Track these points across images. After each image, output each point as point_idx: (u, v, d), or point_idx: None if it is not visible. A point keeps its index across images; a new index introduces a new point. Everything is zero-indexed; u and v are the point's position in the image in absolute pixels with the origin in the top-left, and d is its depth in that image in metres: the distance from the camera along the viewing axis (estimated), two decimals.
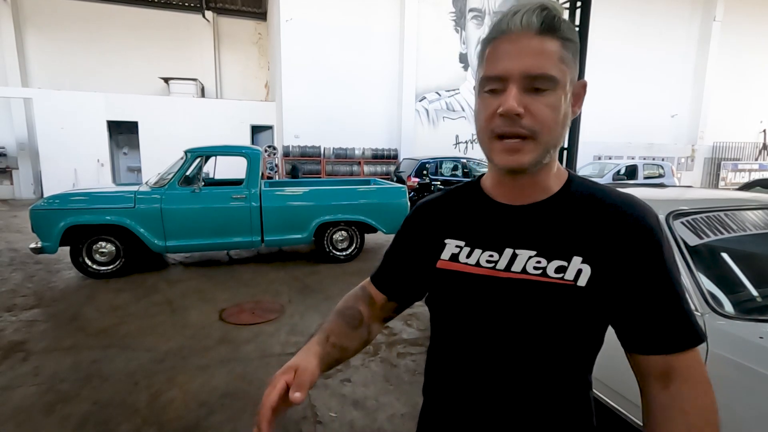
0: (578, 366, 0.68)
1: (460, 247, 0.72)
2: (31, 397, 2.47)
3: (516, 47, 0.60)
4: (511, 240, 0.68)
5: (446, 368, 0.75)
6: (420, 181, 8.79)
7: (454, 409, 0.73)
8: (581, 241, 0.64)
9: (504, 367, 0.68)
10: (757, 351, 1.20)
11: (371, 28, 11.89)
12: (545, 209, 0.67)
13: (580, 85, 0.66)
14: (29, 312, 3.77)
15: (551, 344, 0.65)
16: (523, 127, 0.60)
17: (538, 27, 0.59)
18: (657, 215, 0.66)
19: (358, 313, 0.82)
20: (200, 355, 3.02)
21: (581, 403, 0.70)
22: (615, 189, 0.69)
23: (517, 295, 0.66)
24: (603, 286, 0.63)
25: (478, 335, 0.69)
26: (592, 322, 0.65)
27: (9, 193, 11.84)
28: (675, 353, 0.61)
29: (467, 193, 0.77)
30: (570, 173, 0.71)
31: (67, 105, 10.91)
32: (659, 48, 14.79)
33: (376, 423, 2.30)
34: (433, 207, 0.80)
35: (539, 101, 0.60)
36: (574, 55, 0.62)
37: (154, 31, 13.28)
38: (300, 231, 5.29)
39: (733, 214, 1.71)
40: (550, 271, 0.64)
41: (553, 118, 0.61)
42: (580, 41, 0.65)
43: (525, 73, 0.59)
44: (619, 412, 1.55)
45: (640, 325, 0.63)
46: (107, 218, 4.62)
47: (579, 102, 0.67)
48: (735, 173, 14.92)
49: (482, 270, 0.69)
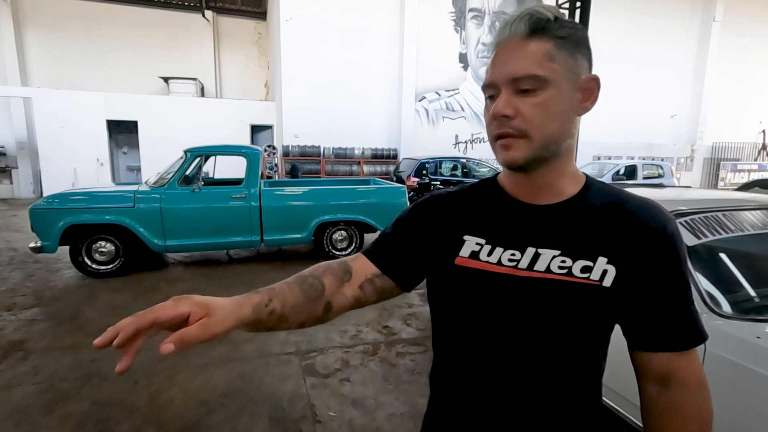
0: (591, 368, 0.69)
1: (481, 244, 0.71)
2: (30, 396, 2.47)
3: (505, 54, 0.63)
4: (534, 239, 0.68)
5: (459, 367, 0.74)
6: (419, 181, 8.79)
7: (465, 410, 0.72)
8: (605, 242, 0.65)
9: (521, 367, 0.67)
10: (754, 351, 1.20)
11: (371, 27, 11.89)
12: (566, 210, 0.68)
13: (590, 80, 0.66)
14: (29, 311, 3.77)
15: (570, 344, 0.66)
16: (512, 127, 0.63)
17: (525, 31, 0.62)
18: (674, 220, 0.67)
19: (320, 284, 0.71)
20: (200, 354, 3.02)
21: (593, 406, 0.70)
22: (635, 194, 0.70)
23: (541, 295, 0.65)
24: (626, 287, 0.64)
25: (496, 334, 0.68)
26: (611, 322, 0.67)
27: (8, 193, 11.83)
28: (678, 352, 0.64)
29: (485, 189, 0.76)
30: (588, 177, 0.72)
31: (66, 104, 10.91)
32: (659, 48, 14.80)
33: (375, 422, 2.30)
34: (449, 201, 0.77)
35: (527, 102, 0.62)
36: (572, 50, 0.63)
37: (154, 30, 13.27)
38: (299, 231, 5.30)
39: (732, 215, 1.71)
40: (576, 271, 0.64)
41: (543, 116, 0.62)
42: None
43: (510, 77, 0.62)
44: (619, 413, 1.56)
45: (648, 324, 0.65)
46: (107, 218, 4.62)
47: (591, 97, 0.67)
48: (734, 173, 14.95)
49: (504, 269, 0.68)
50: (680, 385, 0.63)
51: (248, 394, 2.54)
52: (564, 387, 0.67)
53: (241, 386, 2.62)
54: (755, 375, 1.17)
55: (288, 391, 2.57)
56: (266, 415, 2.33)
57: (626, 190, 0.72)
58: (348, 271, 0.75)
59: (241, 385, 2.63)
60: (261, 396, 2.52)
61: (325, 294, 0.72)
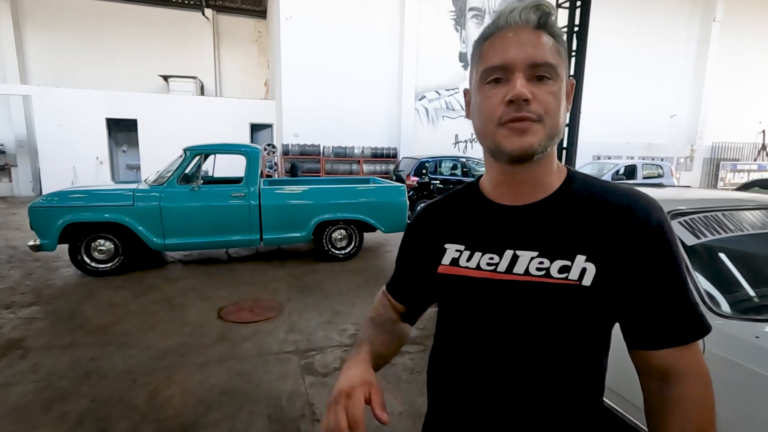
0: (586, 368, 0.67)
1: (460, 251, 0.72)
2: (29, 394, 2.47)
3: (518, 38, 0.61)
4: (512, 241, 0.67)
5: (450, 372, 0.74)
6: (419, 180, 8.79)
7: (459, 414, 0.72)
8: (584, 239, 0.63)
9: (509, 371, 0.66)
10: (753, 350, 1.20)
11: (371, 26, 11.88)
12: (545, 208, 0.67)
13: (570, 84, 0.68)
14: (28, 309, 3.77)
15: (556, 346, 0.64)
16: (531, 111, 0.61)
17: (536, 22, 0.61)
18: (661, 207, 0.64)
19: (393, 323, 0.87)
20: (199, 352, 3.02)
21: (591, 408, 0.68)
22: (618, 184, 0.68)
23: (520, 298, 0.65)
24: (608, 285, 0.62)
25: (482, 339, 0.69)
26: (598, 322, 0.65)
27: (8, 191, 11.81)
28: (678, 347, 0.61)
29: (465, 195, 0.77)
30: (569, 170, 0.71)
31: (66, 102, 10.90)
32: (659, 48, 14.80)
33: (373, 421, 2.29)
34: (433, 211, 0.80)
35: (543, 89, 0.61)
36: (564, 50, 0.65)
37: (153, 28, 13.25)
38: (299, 229, 5.29)
39: (731, 214, 1.71)
40: (554, 272, 0.63)
41: (556, 105, 0.62)
42: (579, 41, 0.67)
43: (530, 62, 0.60)
44: (623, 416, 1.56)
45: (643, 321, 0.63)
46: (106, 216, 4.62)
47: (569, 99, 0.68)
48: (734, 173, 14.95)
49: (483, 273, 0.68)
50: (680, 379, 0.61)
51: (247, 392, 2.54)
52: (556, 388, 0.65)
53: (240, 385, 2.62)
54: (754, 375, 1.17)
55: (287, 390, 2.57)
56: (265, 414, 2.33)
57: (611, 181, 0.70)
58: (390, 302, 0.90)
59: (239, 384, 2.62)
60: (260, 395, 2.52)
61: (397, 328, 0.87)
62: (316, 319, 3.65)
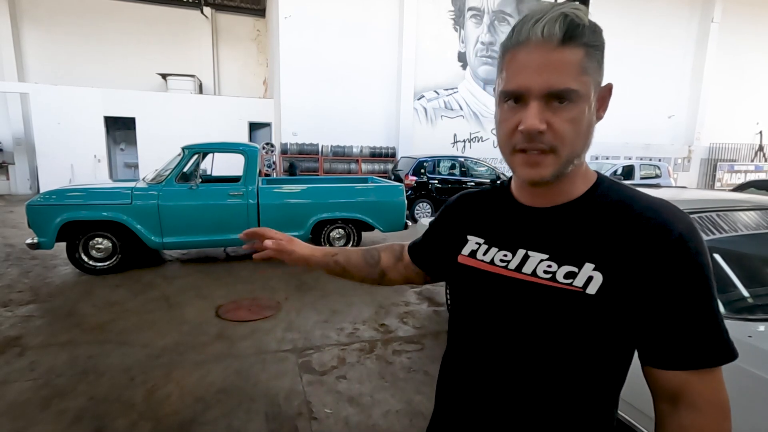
0: (594, 380, 0.64)
1: (479, 244, 0.74)
2: (26, 392, 2.47)
3: (536, 61, 0.57)
4: (525, 241, 0.68)
5: (457, 370, 0.75)
6: (417, 179, 8.80)
7: (462, 414, 0.73)
8: (596, 247, 0.61)
9: (512, 371, 0.66)
10: (746, 350, 1.21)
11: (370, 25, 11.87)
12: (563, 213, 0.66)
13: (606, 89, 0.65)
14: (25, 307, 3.77)
15: (557, 351, 0.63)
16: (543, 142, 0.59)
17: (560, 37, 0.56)
18: (691, 222, 0.60)
19: (376, 255, 0.98)
20: (196, 351, 3.02)
21: (600, 421, 0.66)
22: (647, 195, 0.65)
23: (525, 297, 0.65)
24: (616, 296, 0.59)
25: (488, 333, 0.69)
26: (603, 333, 0.61)
27: (5, 189, 11.78)
28: (693, 370, 0.57)
29: (497, 191, 0.79)
30: (599, 176, 0.69)
31: (63, 100, 10.86)
32: (657, 49, 14.83)
33: (371, 419, 2.31)
34: (466, 201, 0.83)
35: (560, 116, 0.58)
36: (599, 60, 0.60)
37: (152, 26, 13.22)
38: (297, 228, 5.29)
39: (726, 215, 1.73)
40: (560, 276, 0.62)
41: (574, 132, 0.59)
42: None
43: (546, 90, 0.57)
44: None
45: (655, 338, 0.59)
46: (104, 214, 4.61)
47: (604, 106, 0.65)
48: (731, 174, 14.98)
49: (495, 268, 0.70)
50: (691, 406, 0.57)
51: (244, 390, 2.54)
52: (560, 393, 0.64)
53: (238, 383, 2.62)
54: (747, 374, 1.18)
55: (284, 388, 2.58)
56: (262, 412, 2.34)
57: (640, 190, 0.67)
58: (402, 253, 0.98)
59: (237, 382, 2.63)
60: (257, 393, 2.52)
61: (381, 264, 0.97)
62: (313, 317, 3.66)
